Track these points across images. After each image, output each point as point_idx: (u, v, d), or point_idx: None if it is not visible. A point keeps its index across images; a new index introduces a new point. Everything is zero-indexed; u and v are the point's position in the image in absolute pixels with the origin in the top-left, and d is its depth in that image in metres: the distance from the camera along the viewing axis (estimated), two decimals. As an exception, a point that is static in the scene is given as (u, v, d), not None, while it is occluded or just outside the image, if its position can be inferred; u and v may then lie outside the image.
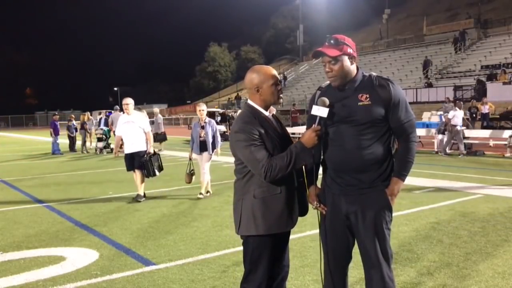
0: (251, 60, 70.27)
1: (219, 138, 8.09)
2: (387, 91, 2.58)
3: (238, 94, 46.15)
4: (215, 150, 8.01)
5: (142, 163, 7.84)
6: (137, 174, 7.91)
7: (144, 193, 7.96)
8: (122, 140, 8.08)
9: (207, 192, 8.14)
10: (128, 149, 7.96)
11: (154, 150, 8.15)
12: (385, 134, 2.64)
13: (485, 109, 19.96)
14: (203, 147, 7.87)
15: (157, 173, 8.01)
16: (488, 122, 20.18)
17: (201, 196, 7.95)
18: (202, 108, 7.99)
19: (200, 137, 7.87)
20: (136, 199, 7.80)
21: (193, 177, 8.07)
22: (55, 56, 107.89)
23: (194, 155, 8.03)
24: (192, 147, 8.02)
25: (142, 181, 7.90)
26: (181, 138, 26.87)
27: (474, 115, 19.70)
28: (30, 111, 79.57)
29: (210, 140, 7.85)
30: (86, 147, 18.99)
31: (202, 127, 7.90)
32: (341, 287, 2.81)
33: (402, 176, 2.65)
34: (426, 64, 32.19)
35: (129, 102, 7.99)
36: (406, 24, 58.70)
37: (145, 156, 7.89)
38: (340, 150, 2.62)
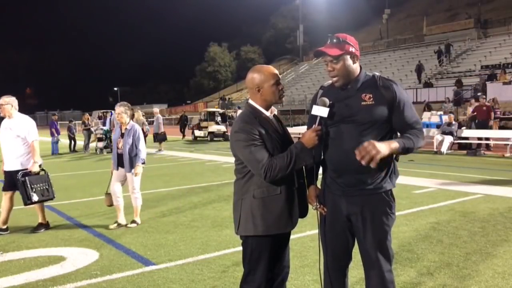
0: (251, 60, 70.40)
1: (141, 153, 5.93)
2: (391, 92, 2.56)
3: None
4: (133, 169, 5.93)
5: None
6: (5, 199, 5.87)
7: (7, 227, 5.90)
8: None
9: (133, 221, 6.07)
10: (5, 165, 5.88)
11: (43, 169, 6.02)
12: (387, 135, 2.61)
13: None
14: (120, 161, 5.96)
15: (34, 198, 5.72)
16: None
17: (113, 226, 5.92)
18: (120, 110, 5.95)
19: (117, 148, 5.99)
20: None
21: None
22: (55, 56, 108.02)
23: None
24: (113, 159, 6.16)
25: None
26: (181, 138, 26.90)
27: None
28: (30, 111, 79.53)
29: (127, 154, 5.86)
30: (90, 147, 19.02)
31: (122, 135, 6.01)
32: (341, 288, 2.80)
33: (399, 143, 2.50)
34: (419, 69, 32.05)
35: (2, 102, 5.74)
36: (406, 24, 58.78)
37: (20, 176, 5.67)
38: (341, 151, 2.60)
